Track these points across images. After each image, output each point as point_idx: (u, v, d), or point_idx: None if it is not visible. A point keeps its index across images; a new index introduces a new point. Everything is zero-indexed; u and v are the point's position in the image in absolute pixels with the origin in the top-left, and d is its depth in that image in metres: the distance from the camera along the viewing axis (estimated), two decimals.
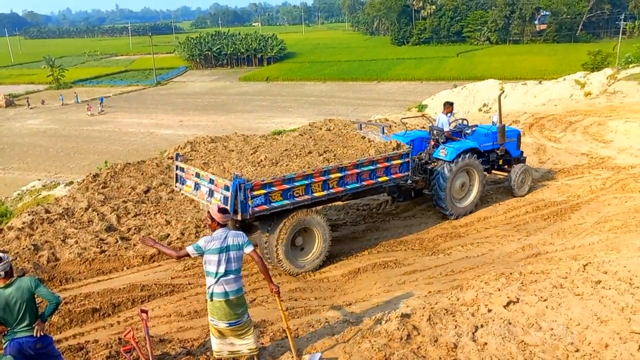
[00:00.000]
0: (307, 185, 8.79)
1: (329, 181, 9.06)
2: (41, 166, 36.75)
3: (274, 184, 8.46)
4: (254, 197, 8.29)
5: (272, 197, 8.51)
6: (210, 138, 21.85)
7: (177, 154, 10.20)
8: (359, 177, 9.42)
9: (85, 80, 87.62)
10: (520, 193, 12.84)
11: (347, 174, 9.20)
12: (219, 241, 5.50)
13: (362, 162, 9.36)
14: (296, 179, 8.65)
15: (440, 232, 11.05)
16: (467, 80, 62.77)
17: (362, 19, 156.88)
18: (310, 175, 8.79)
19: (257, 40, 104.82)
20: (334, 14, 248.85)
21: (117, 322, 7.80)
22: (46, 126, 52.51)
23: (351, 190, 9.50)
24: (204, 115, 56.17)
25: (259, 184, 8.31)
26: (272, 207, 8.57)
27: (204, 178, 9.04)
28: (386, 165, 9.71)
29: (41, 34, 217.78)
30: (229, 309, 5.57)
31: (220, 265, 5.49)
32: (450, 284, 8.42)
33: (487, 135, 12.56)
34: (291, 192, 8.67)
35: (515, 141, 13.29)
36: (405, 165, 10.02)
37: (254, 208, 8.34)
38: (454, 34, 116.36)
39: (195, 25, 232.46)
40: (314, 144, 10.28)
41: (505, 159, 13.16)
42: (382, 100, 61.90)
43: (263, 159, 9.39)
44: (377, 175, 9.66)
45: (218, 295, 5.54)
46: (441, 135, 11.79)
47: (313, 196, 8.93)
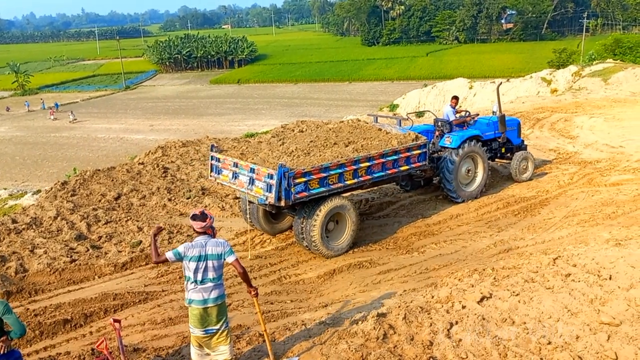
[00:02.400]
0: (340, 173, 9.43)
1: (359, 170, 9.69)
2: (7, 175, 35.83)
3: (313, 172, 9.08)
4: (296, 184, 8.88)
5: (311, 184, 9.13)
6: (181, 142, 21.65)
7: (212, 145, 10.74)
8: (384, 166, 10.07)
9: (51, 86, 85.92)
10: (523, 179, 13.53)
11: (374, 163, 9.85)
12: (198, 249, 5.37)
13: (387, 152, 10.02)
14: (331, 168, 9.28)
15: (413, 230, 11.13)
16: (437, 79, 63.56)
17: (332, 20, 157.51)
18: (343, 165, 9.42)
19: (227, 43, 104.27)
20: (304, 16, 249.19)
21: (89, 333, 7.63)
22: (12, 133, 51.29)
23: (377, 179, 10.17)
24: (174, 119, 55.60)
25: (301, 172, 8.90)
26: (311, 194, 9.20)
27: (243, 168, 9.55)
28: (407, 155, 10.38)
29: (4, 39, 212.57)
30: (206, 316, 5.48)
31: (198, 273, 5.39)
32: (425, 282, 8.49)
33: (489, 125, 13.23)
34: (327, 180, 9.31)
35: (515, 130, 13.93)
36: (423, 155, 10.69)
37: (295, 195, 8.93)
38: (423, 33, 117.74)
39: (164, 28, 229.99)
40: (335, 136, 10.82)
41: (508, 147, 13.80)
42: (354, 101, 62.24)
43: (294, 150, 10.02)
44: (399, 164, 10.33)
45: (197, 302, 5.45)
46: (445, 126, 12.48)
47: (345, 184, 9.62)
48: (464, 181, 12.44)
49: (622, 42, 49.63)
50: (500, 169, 15.24)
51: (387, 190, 13.61)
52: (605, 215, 11.01)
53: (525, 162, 13.61)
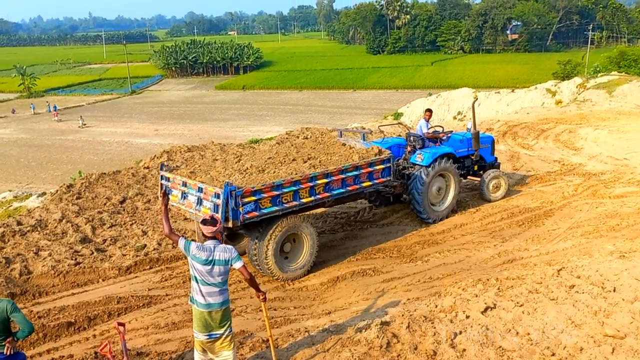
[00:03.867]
0: (295, 191, 8.93)
1: (316, 187, 9.20)
2: (12, 177, 35.93)
3: (264, 190, 8.57)
4: (244, 204, 8.37)
5: (262, 203, 8.61)
6: (186, 147, 21.69)
7: (162, 164, 10.19)
8: (344, 183, 9.61)
9: (57, 89, 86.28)
10: (494, 198, 13.12)
11: (333, 179, 9.38)
12: (207, 253, 5.38)
13: (347, 167, 9.57)
14: (285, 185, 8.78)
15: (417, 239, 11.14)
16: (441, 88, 63.62)
17: (338, 28, 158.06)
18: (298, 182, 8.93)
19: (233, 49, 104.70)
20: (309, 23, 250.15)
21: (92, 336, 7.65)
22: (17, 135, 51.50)
23: (337, 196, 9.65)
24: (179, 124, 55.77)
25: (250, 191, 8.40)
26: (262, 213, 8.66)
27: (191, 187, 9.05)
28: (369, 170, 9.93)
29: (11, 42, 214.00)
30: (210, 320, 5.48)
31: (204, 276, 5.41)
32: (428, 291, 8.49)
33: (462, 142, 12.83)
34: (280, 198, 8.78)
35: (489, 147, 13.58)
36: (387, 170, 10.27)
37: (244, 215, 8.43)
38: (428, 43, 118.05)
39: (171, 33, 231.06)
40: (296, 151, 10.35)
41: (480, 165, 13.41)
42: (359, 109, 62.35)
43: (249, 167, 9.49)
44: (361, 180, 9.88)
45: (200, 305, 5.46)
46: (418, 141, 12.07)
47: (301, 202, 9.08)
48: (434, 200, 11.97)
49: (627, 54, 49.65)
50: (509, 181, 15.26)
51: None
52: (609, 228, 10.99)
53: (497, 180, 13.17)
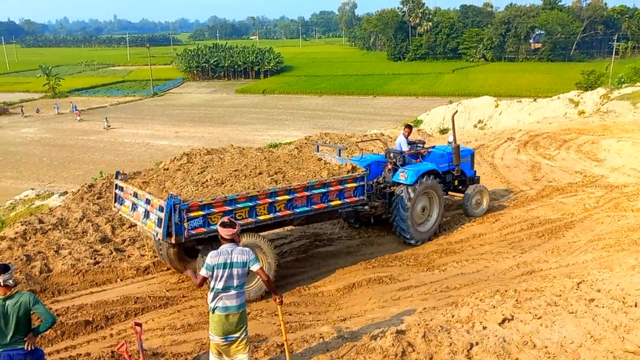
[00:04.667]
0: (251, 207, 8.36)
1: (276, 204, 8.60)
2: (35, 175, 36.59)
3: (214, 205, 8.03)
4: (190, 219, 7.85)
5: (212, 219, 8.03)
6: (206, 150, 21.86)
7: (117, 172, 9.69)
8: (310, 200, 8.99)
9: (81, 90, 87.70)
10: (477, 213, 12.68)
11: (296, 196, 8.78)
12: (225, 257, 5.43)
13: (312, 184, 8.97)
14: (239, 201, 8.22)
15: (435, 248, 11.06)
16: (462, 96, 63.31)
17: (359, 34, 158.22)
18: (254, 197, 8.38)
19: (254, 53, 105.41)
20: (331, 29, 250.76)
21: (110, 335, 7.73)
22: (40, 135, 52.43)
23: (301, 214, 9.02)
24: (199, 126, 56.27)
25: (197, 205, 7.87)
26: (211, 230, 8.03)
27: (141, 198, 8.56)
28: (339, 188, 9.33)
29: (38, 43, 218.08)
30: (227, 323, 5.51)
31: (221, 281, 5.44)
32: (445, 301, 8.41)
33: (443, 156, 12.35)
34: (233, 214, 8.19)
35: (469, 161, 13.12)
36: (360, 188, 9.67)
37: (190, 231, 7.90)
38: (450, 50, 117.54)
39: (193, 37, 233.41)
40: (267, 164, 9.91)
41: (460, 179, 12.98)
42: (378, 115, 62.28)
43: (209, 179, 8.98)
44: (330, 198, 9.25)
45: (219, 309, 5.50)
46: (398, 158, 11.34)
47: (258, 219, 8.47)
48: (419, 220, 11.31)
49: None
50: (526, 189, 15.10)
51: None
52: (631, 241, 10.78)
53: (480, 196, 12.77)
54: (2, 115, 64.93)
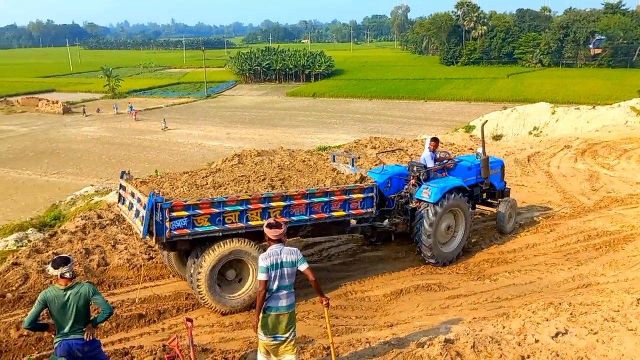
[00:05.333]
0: (242, 212, 7.98)
1: (271, 210, 8.17)
2: (94, 172, 38.08)
3: (201, 206, 7.69)
4: (173, 219, 7.56)
5: (198, 221, 7.74)
6: (257, 151, 22.20)
7: (122, 172, 9.49)
8: (309, 209, 8.48)
9: (139, 91, 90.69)
10: (508, 229, 11.91)
11: (293, 204, 8.30)
12: (275, 257, 5.50)
13: (313, 192, 8.47)
14: (229, 204, 7.87)
15: (486, 257, 10.82)
16: (517, 102, 61.68)
17: (412, 39, 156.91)
18: (246, 201, 7.98)
19: (305, 57, 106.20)
20: (383, 33, 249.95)
21: (162, 329, 7.96)
22: (100, 134, 54.53)
23: (299, 223, 8.49)
24: (250, 128, 57.15)
25: (181, 205, 7.57)
26: (195, 232, 7.76)
27: (135, 197, 8.37)
28: (344, 198, 8.78)
29: (100, 45, 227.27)
30: (278, 323, 5.58)
31: (274, 282, 5.51)
32: (496, 312, 8.21)
33: (471, 169, 11.55)
34: (222, 217, 7.86)
35: (499, 173, 12.39)
36: (369, 200, 9.04)
37: (172, 231, 7.60)
38: (505, 55, 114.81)
39: (247, 41, 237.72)
40: (278, 172, 9.69)
41: (490, 193, 12.25)
42: (429, 120, 61.50)
43: (209, 182, 8.78)
44: (333, 209, 8.70)
45: (271, 309, 5.57)
46: (422, 173, 10.51)
47: (249, 224, 8.05)
48: (443, 240, 10.48)
49: None
50: (584, 199, 14.57)
51: None
52: None
53: (512, 211, 11.97)
54: (65, 114, 67.92)
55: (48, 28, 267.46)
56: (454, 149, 22.76)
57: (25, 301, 8.77)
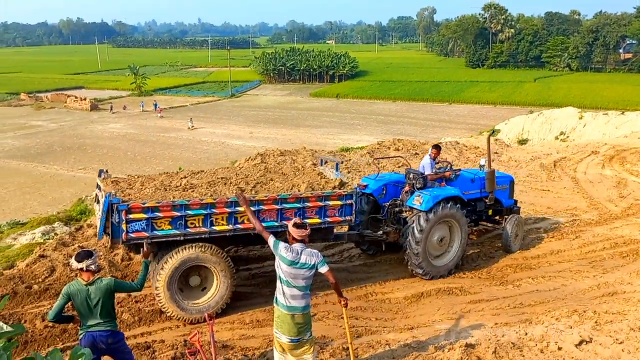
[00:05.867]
0: (206, 216, 7.71)
1: (238, 215, 7.86)
2: (119, 168, 38.60)
3: (161, 209, 7.45)
4: (130, 221, 7.34)
5: (158, 224, 7.51)
6: (280, 151, 22.29)
7: (100, 170, 9.30)
8: (281, 215, 8.12)
9: (165, 90, 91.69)
10: (515, 249, 11.15)
11: (262, 209, 7.96)
12: (294, 255, 5.51)
13: (284, 197, 8.09)
14: (192, 207, 7.59)
15: (509, 262, 10.68)
16: (544, 106, 60.82)
17: (437, 40, 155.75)
18: (211, 205, 7.70)
19: (330, 58, 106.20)
20: (408, 35, 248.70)
21: (183, 325, 8.04)
22: (126, 131, 55.32)
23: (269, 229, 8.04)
24: (273, 128, 57.38)
25: (139, 207, 7.35)
26: (155, 235, 7.53)
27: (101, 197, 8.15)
28: (319, 205, 8.35)
29: (128, 44, 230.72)
30: (292, 324, 5.56)
31: (289, 277, 5.52)
32: (518, 318, 8.10)
33: (474, 182, 10.87)
34: (184, 221, 7.61)
35: (507, 189, 11.59)
36: (348, 208, 8.60)
37: (129, 234, 7.38)
38: (533, 59, 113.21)
39: (272, 41, 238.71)
40: (262, 174, 9.48)
41: (496, 209, 11.48)
42: (453, 123, 60.97)
43: (184, 184, 8.63)
44: (307, 215, 8.29)
45: (283, 307, 5.57)
46: (418, 180, 9.99)
47: (213, 229, 7.78)
48: (435, 252, 9.94)
49: None
50: (611, 206, 14.29)
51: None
52: None
53: (518, 228, 11.17)
54: (93, 111, 69.10)
55: (78, 26, 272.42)
56: (478, 153, 22.54)
57: (51, 293, 8.95)
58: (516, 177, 18.33)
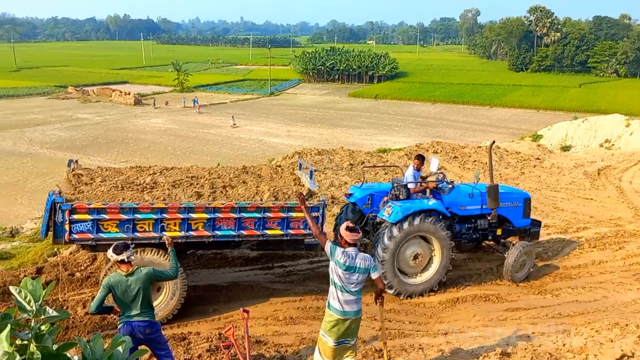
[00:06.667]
0: (157, 220, 7.46)
1: (191, 221, 7.61)
2: (159, 162, 39.34)
3: (107, 210, 7.26)
4: (74, 221, 7.17)
5: (105, 226, 7.33)
6: (317, 150, 22.35)
7: (70, 160, 9.21)
8: (239, 224, 7.80)
9: (206, 86, 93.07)
10: (517, 278, 9.85)
11: (218, 217, 7.68)
12: (349, 259, 5.43)
13: (243, 206, 7.77)
14: (141, 210, 7.37)
15: (548, 271, 10.43)
16: (589, 112, 59.07)
17: (480, 42, 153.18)
18: (161, 210, 7.45)
19: (369, 58, 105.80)
20: (450, 36, 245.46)
21: (218, 318, 8.17)
22: (167, 125, 56.39)
23: (224, 238, 7.84)
24: (311, 127, 57.52)
25: (84, 208, 7.17)
26: (99, 237, 7.34)
27: None
28: (281, 216, 7.94)
29: (171, 40, 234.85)
30: (343, 328, 5.51)
31: (343, 282, 5.45)
32: (556, 328, 7.90)
33: (473, 196, 9.79)
34: (132, 224, 7.39)
35: (520, 207, 10.23)
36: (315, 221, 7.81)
37: (72, 234, 7.23)
38: (578, 63, 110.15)
39: (312, 40, 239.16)
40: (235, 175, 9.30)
41: (507, 229, 10.28)
42: (493, 127, 59.85)
43: (146, 182, 8.44)
44: (267, 226, 7.93)
45: (336, 312, 5.50)
46: (401, 191, 9.31)
47: (163, 235, 7.45)
48: (408, 269, 9.19)
49: None
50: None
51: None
52: None
53: (526, 257, 9.93)
54: (136, 105, 70.66)
55: (124, 22, 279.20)
56: (519, 158, 22.09)
57: (91, 280, 9.22)
58: (558, 184, 17.95)
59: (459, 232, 9.83)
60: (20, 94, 77.13)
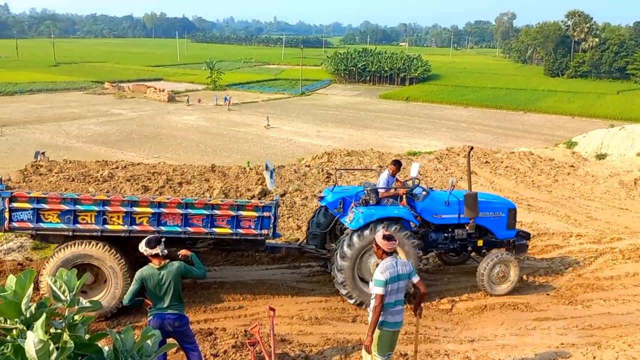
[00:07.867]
0: (99, 212, 7.44)
1: (135, 215, 7.55)
2: (190, 159, 39.92)
3: (48, 200, 7.27)
4: (14, 209, 7.25)
5: (45, 216, 7.35)
6: (346, 151, 22.34)
7: (37, 152, 9.13)
8: (186, 220, 7.73)
9: (238, 85, 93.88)
10: (497, 292, 9.35)
11: (163, 212, 7.60)
12: (392, 270, 5.32)
13: (190, 202, 7.68)
14: (83, 202, 7.35)
15: (580, 281, 10.20)
16: (626, 120, 57.63)
17: (515, 47, 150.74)
18: (104, 202, 7.42)
19: (402, 60, 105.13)
20: (485, 39, 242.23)
21: (244, 315, 8.25)
22: (199, 123, 57.11)
23: (170, 234, 7.63)
24: (340, 128, 57.48)
25: (24, 197, 7.23)
26: (39, 227, 7.38)
27: None
28: (231, 214, 7.81)
29: (205, 39, 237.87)
30: (393, 340, 5.45)
31: (391, 296, 5.35)
32: (586, 339, 7.74)
33: (449, 204, 9.26)
34: (73, 215, 7.39)
35: (503, 217, 9.66)
36: (266, 220, 7.94)
37: (12, 222, 7.30)
38: (617, 70, 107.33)
39: (345, 41, 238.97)
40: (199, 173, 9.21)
41: (489, 241, 9.73)
42: (527, 132, 58.80)
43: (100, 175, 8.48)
44: (216, 224, 7.83)
45: (391, 326, 5.41)
46: (371, 196, 8.93)
47: (105, 227, 7.51)
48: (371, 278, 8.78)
49: None
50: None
51: (554, 229, 12.61)
52: None
53: (505, 268, 9.38)
54: (169, 102, 71.78)
55: (160, 20, 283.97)
56: (552, 165, 21.67)
57: None
58: (592, 192, 17.54)
59: (434, 242, 9.43)
60: (58, 88, 79.22)
